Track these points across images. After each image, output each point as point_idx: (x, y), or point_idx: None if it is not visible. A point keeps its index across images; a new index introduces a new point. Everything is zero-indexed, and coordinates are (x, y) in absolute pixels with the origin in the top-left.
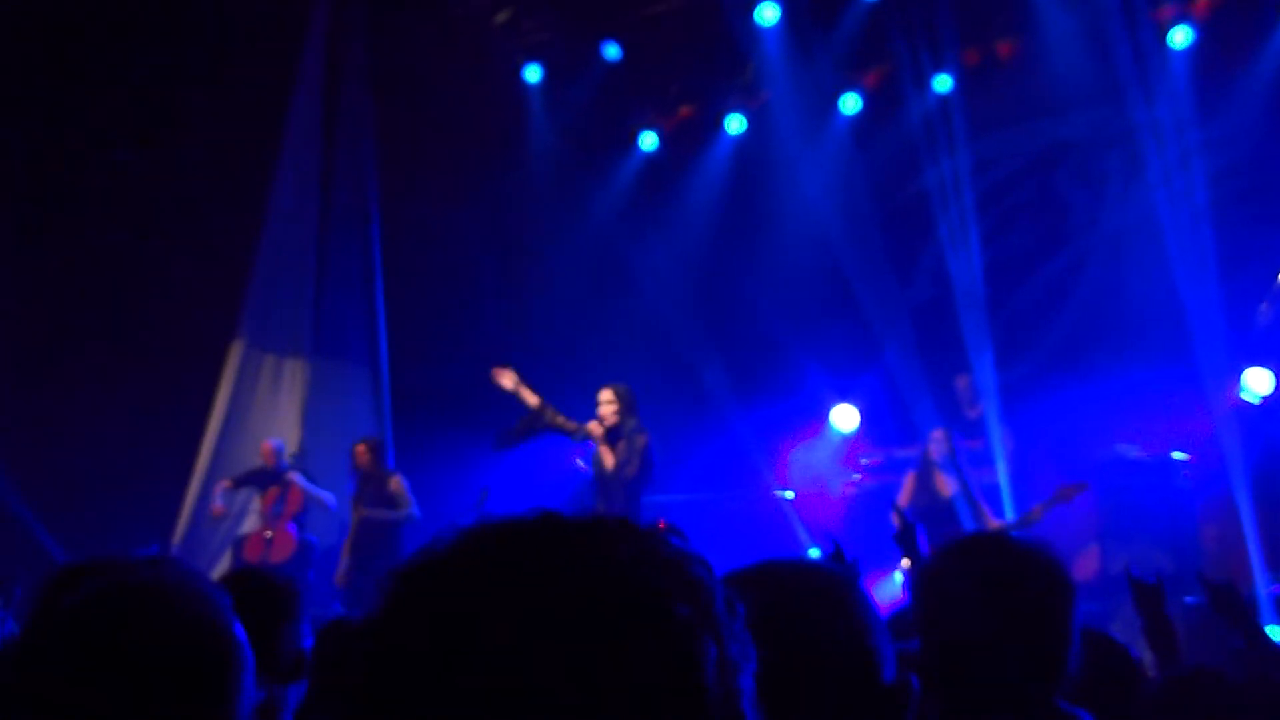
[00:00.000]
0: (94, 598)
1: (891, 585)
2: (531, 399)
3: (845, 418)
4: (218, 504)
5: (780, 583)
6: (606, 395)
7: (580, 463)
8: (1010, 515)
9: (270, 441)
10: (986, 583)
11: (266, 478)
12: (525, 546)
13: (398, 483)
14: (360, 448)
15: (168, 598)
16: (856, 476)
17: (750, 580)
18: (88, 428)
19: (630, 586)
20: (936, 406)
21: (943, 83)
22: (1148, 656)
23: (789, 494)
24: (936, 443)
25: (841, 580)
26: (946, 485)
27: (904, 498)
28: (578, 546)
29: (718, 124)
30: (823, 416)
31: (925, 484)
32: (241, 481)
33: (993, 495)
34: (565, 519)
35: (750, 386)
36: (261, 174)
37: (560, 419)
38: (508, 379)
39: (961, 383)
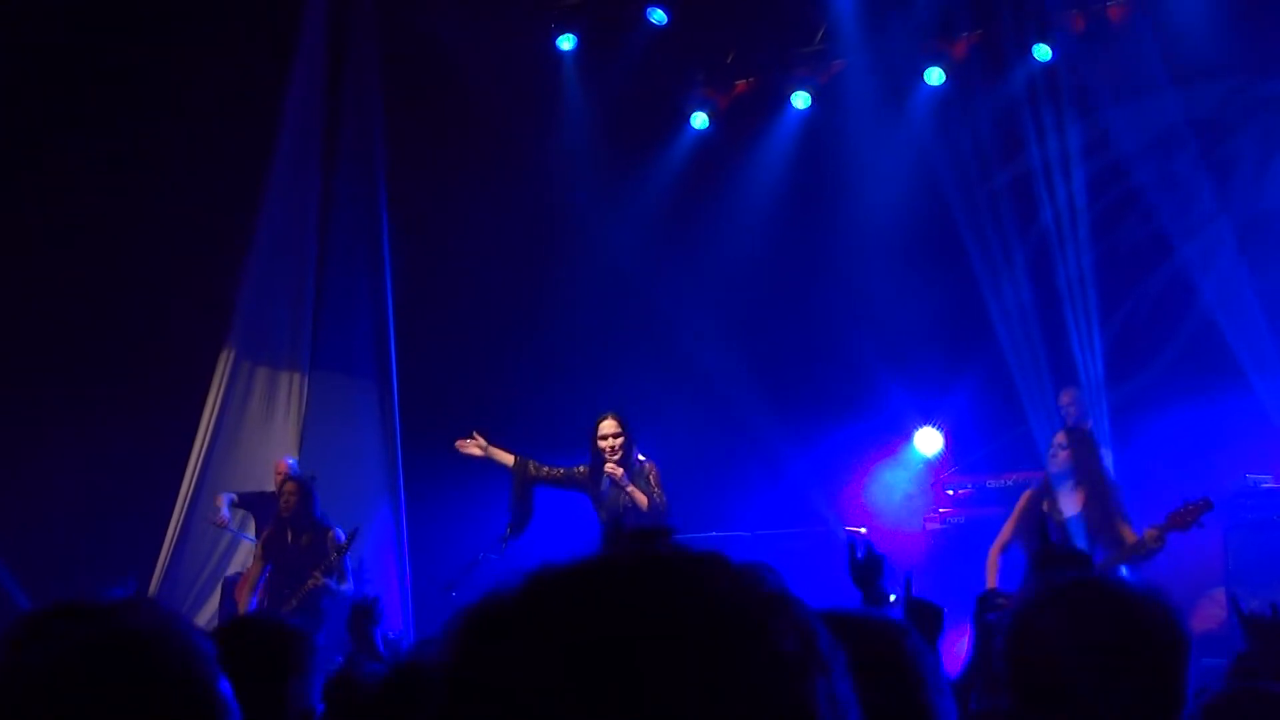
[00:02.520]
0: (67, 653)
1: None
2: (506, 458)
3: (928, 442)
4: (221, 515)
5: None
6: (612, 425)
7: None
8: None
9: (285, 460)
10: (1084, 635)
11: (268, 503)
12: (620, 581)
13: (335, 540)
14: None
15: (151, 651)
16: (941, 510)
17: None
18: (56, 451)
19: (737, 621)
20: (1036, 428)
21: (1043, 52)
22: None
23: (861, 530)
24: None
25: (893, 631)
26: (1066, 502)
27: (1011, 524)
28: (677, 580)
29: (781, 100)
30: (902, 440)
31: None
32: (246, 502)
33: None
34: (657, 554)
35: (818, 407)
36: (255, 162)
37: (547, 470)
38: (474, 447)
39: (1066, 398)
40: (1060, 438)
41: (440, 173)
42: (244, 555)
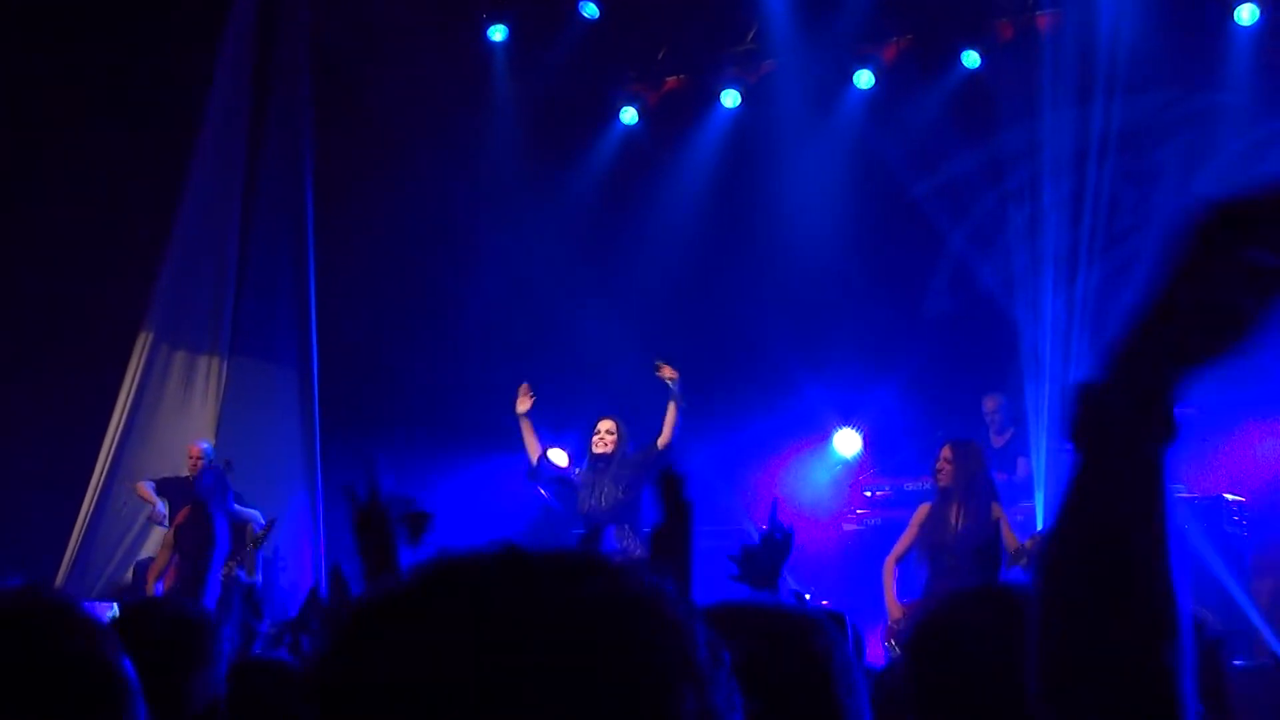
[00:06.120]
0: None
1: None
2: (533, 446)
3: (847, 442)
4: (158, 510)
5: (734, 626)
6: (608, 424)
7: (542, 491)
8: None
9: (198, 444)
10: (987, 639)
11: (185, 489)
12: (487, 582)
13: (252, 531)
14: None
15: (41, 630)
16: (859, 512)
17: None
18: None
19: (598, 627)
20: (956, 431)
21: (971, 58)
22: None
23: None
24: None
25: (801, 625)
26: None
27: (908, 536)
28: (543, 582)
29: (711, 98)
30: (820, 440)
31: (940, 517)
32: (163, 489)
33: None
34: (530, 553)
35: (737, 402)
36: (178, 144)
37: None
38: (526, 400)
39: (990, 404)
40: (946, 452)
41: (367, 161)
42: (157, 540)
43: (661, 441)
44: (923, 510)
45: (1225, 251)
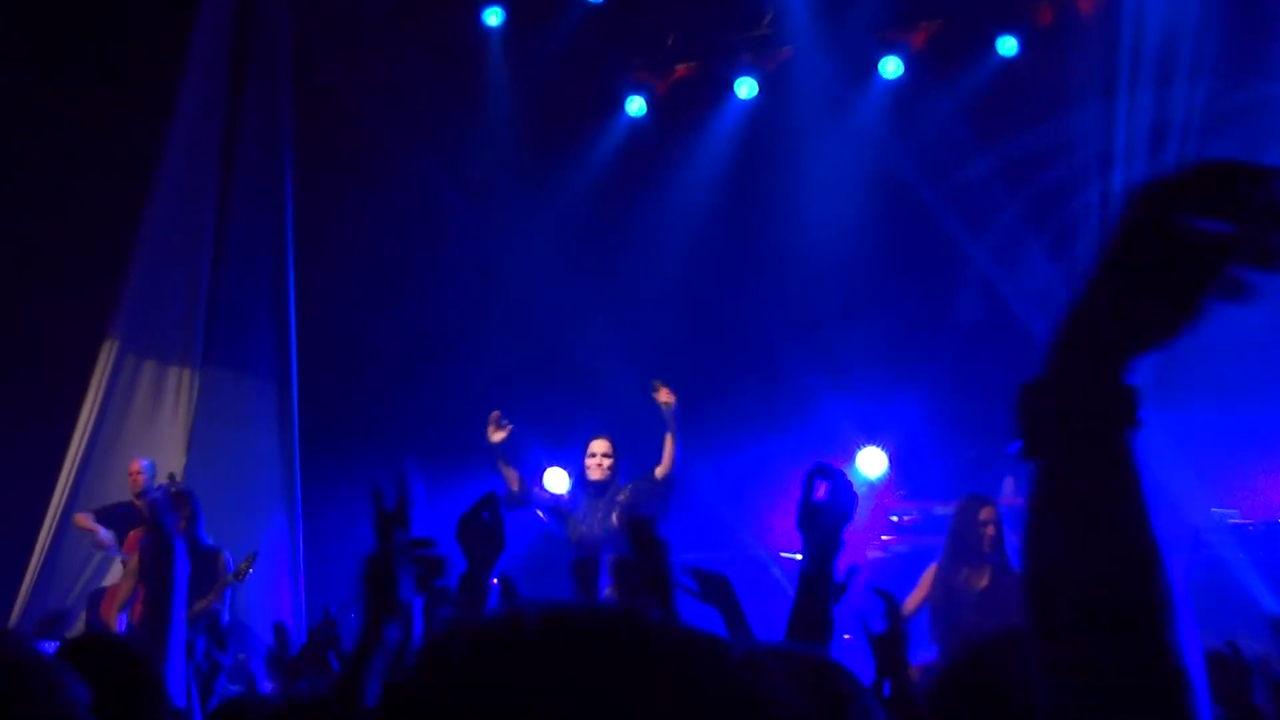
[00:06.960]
0: None
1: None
2: (511, 476)
3: (872, 462)
4: (101, 536)
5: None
6: (603, 445)
7: (540, 514)
8: None
9: (138, 461)
10: (1014, 689)
11: (131, 513)
12: (610, 651)
13: (224, 564)
14: (186, 512)
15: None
16: (885, 538)
17: None
18: None
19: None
20: (992, 449)
21: (1007, 45)
22: None
23: (796, 556)
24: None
25: (830, 670)
26: (978, 575)
27: (919, 593)
28: (672, 661)
29: (724, 87)
30: (843, 461)
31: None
32: (106, 519)
33: None
34: (654, 624)
35: (749, 417)
36: (148, 140)
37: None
38: (499, 433)
39: None
40: (991, 513)
41: (351, 158)
42: (120, 568)
43: (660, 472)
44: (933, 570)
45: (1159, 223)
